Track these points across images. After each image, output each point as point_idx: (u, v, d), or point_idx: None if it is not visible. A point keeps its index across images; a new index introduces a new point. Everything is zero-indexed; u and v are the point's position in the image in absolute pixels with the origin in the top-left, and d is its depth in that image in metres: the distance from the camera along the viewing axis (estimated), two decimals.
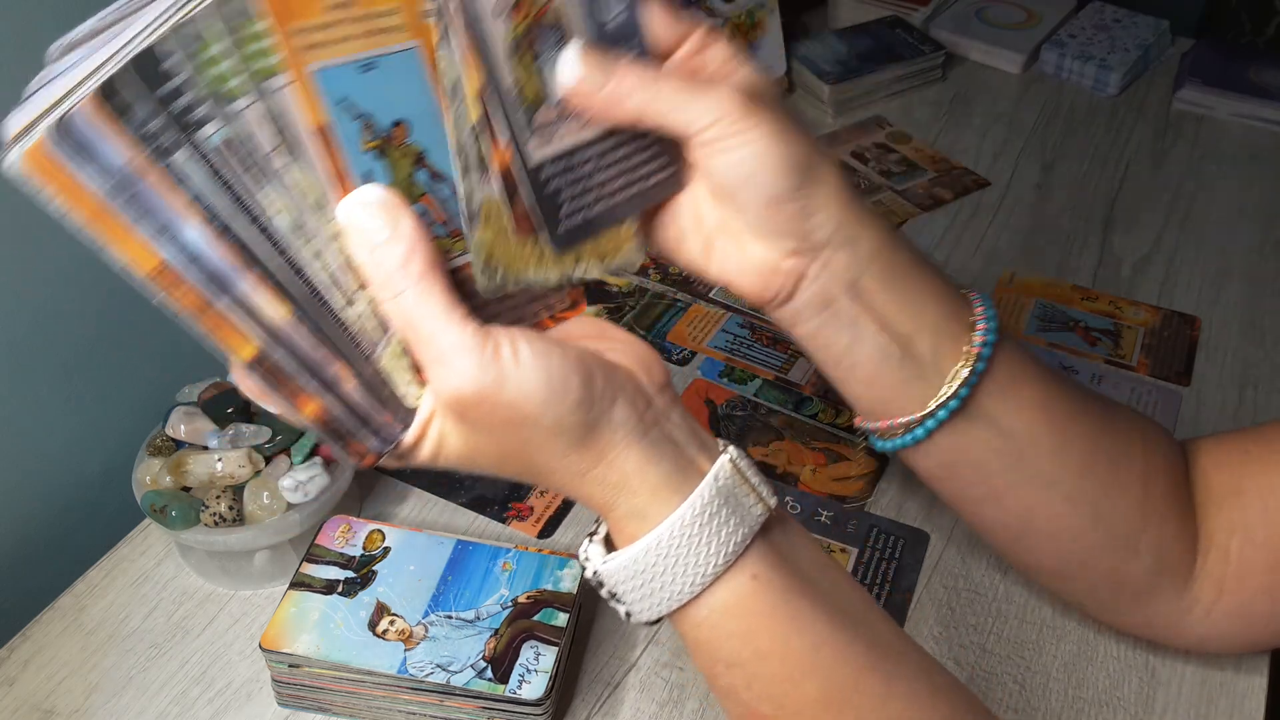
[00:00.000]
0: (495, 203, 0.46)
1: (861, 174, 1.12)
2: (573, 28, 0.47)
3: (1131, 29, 1.31)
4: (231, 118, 0.39)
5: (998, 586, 0.73)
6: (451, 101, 0.44)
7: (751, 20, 1.15)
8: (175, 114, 0.38)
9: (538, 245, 0.48)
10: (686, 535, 0.45)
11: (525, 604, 0.65)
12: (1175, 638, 0.65)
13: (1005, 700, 0.67)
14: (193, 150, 0.39)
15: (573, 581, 0.66)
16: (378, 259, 0.42)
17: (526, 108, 0.46)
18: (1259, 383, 0.89)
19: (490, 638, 0.63)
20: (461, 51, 0.44)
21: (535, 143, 0.46)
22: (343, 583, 0.66)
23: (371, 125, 0.43)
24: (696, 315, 0.94)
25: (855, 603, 0.49)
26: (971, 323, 0.56)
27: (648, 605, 0.46)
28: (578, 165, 0.48)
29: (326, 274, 0.43)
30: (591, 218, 0.49)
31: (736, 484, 0.46)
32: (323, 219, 0.42)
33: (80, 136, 0.37)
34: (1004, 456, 0.58)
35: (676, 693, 0.67)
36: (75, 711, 0.66)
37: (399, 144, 0.44)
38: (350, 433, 0.45)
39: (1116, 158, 1.15)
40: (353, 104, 0.42)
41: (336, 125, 0.42)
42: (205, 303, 0.40)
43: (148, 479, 0.69)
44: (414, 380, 0.45)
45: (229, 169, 0.40)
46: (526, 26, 0.45)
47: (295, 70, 0.40)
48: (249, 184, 0.40)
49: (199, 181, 0.39)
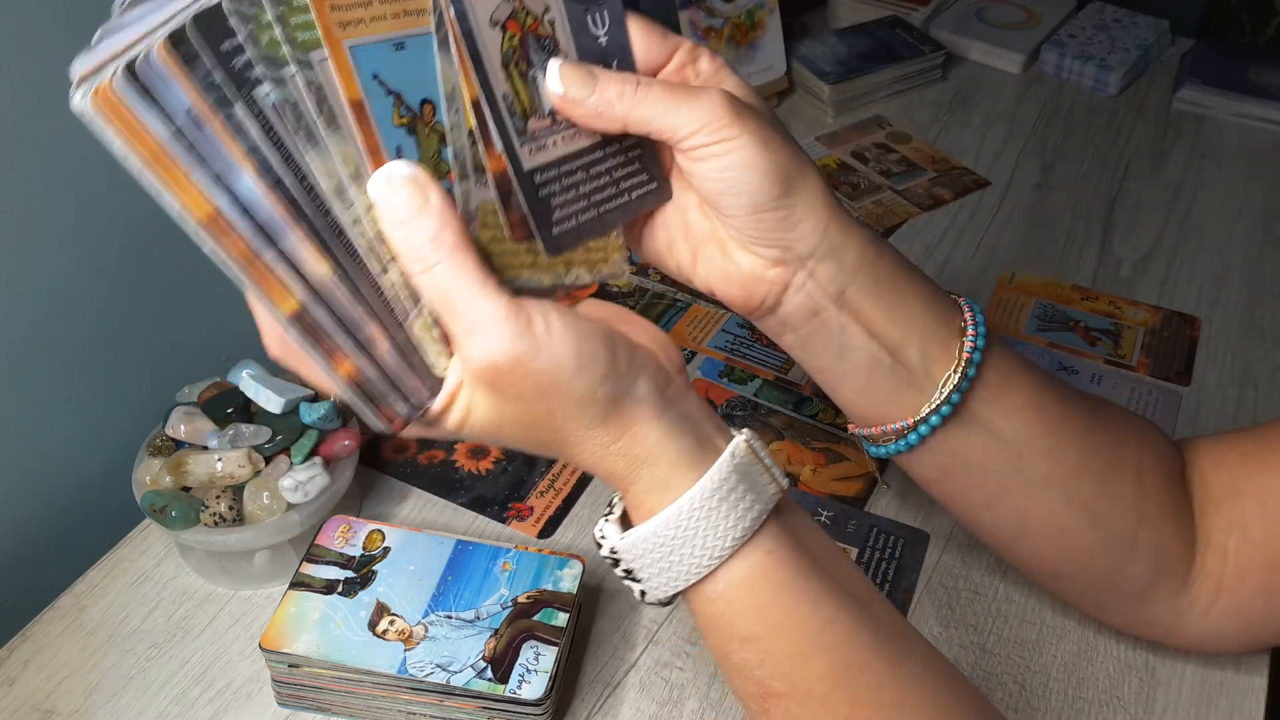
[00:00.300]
0: (491, 206, 0.47)
1: (861, 174, 1.12)
2: (563, 43, 0.48)
3: (1131, 29, 1.31)
4: (282, 82, 0.41)
5: (997, 587, 0.73)
6: (449, 107, 0.45)
7: (751, 20, 1.15)
8: (235, 70, 0.40)
9: (532, 249, 0.49)
10: (706, 508, 0.45)
11: (525, 604, 0.65)
12: (1174, 638, 0.65)
13: (1005, 700, 0.67)
14: (250, 105, 0.40)
15: (573, 581, 0.66)
16: (409, 232, 0.43)
17: (519, 116, 0.47)
18: (1259, 382, 0.89)
19: (490, 638, 0.63)
20: (458, 61, 0.45)
21: (529, 150, 0.48)
22: (343, 582, 0.66)
23: (402, 102, 0.44)
24: (696, 315, 0.94)
25: (862, 588, 0.50)
26: (960, 329, 0.56)
27: (665, 580, 0.47)
28: (569, 173, 0.49)
29: (364, 240, 0.44)
30: (583, 224, 0.50)
31: (751, 462, 0.47)
32: (360, 189, 0.43)
33: (148, 79, 0.38)
34: (999, 459, 0.58)
35: (676, 692, 0.67)
36: (75, 711, 0.66)
37: (428, 122, 0.45)
38: (381, 395, 0.45)
39: (1116, 158, 1.15)
40: (385, 81, 0.43)
41: (370, 100, 0.43)
42: (253, 254, 0.42)
43: (148, 479, 0.69)
44: (442, 351, 0.46)
45: (282, 127, 0.41)
46: (520, 39, 0.47)
47: (332, 45, 0.42)
48: (299, 144, 0.42)
49: (254, 134, 0.41)
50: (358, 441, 0.73)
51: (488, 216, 0.47)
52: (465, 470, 0.80)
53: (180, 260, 0.79)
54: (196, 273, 0.81)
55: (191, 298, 0.81)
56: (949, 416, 0.55)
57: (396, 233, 0.43)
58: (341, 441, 0.72)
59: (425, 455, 0.81)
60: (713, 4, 1.11)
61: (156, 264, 0.77)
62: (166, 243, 0.78)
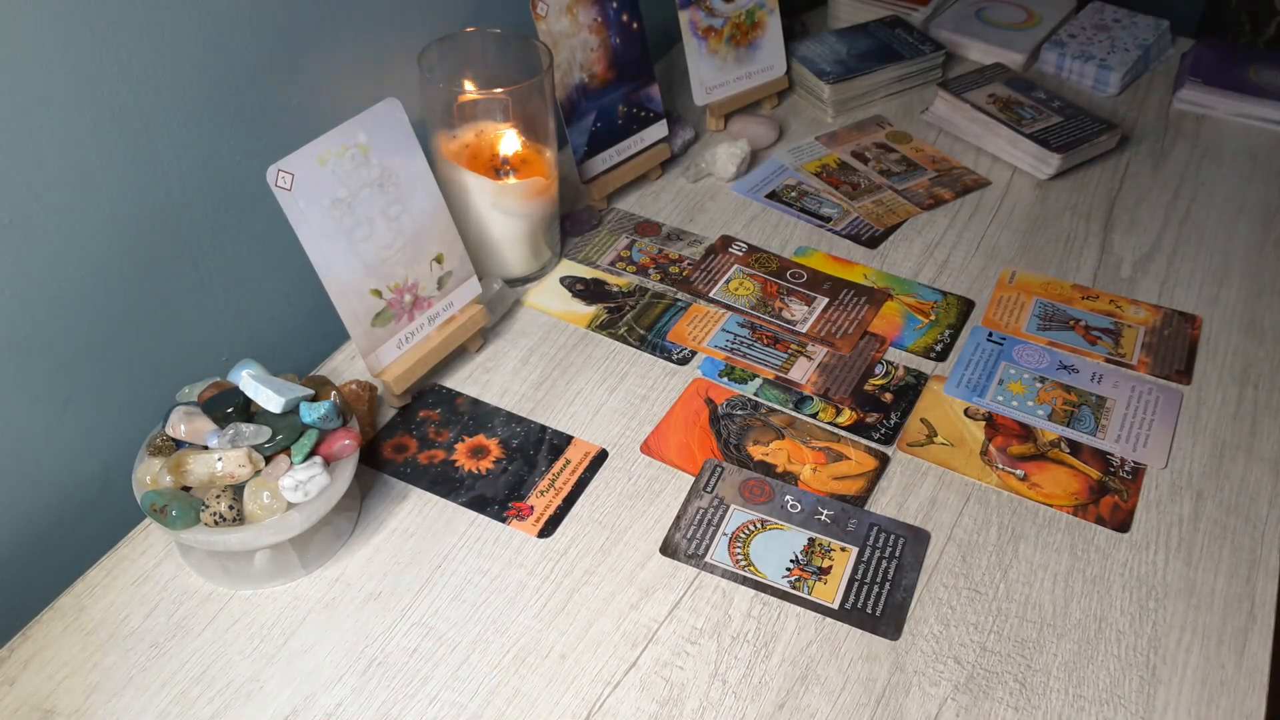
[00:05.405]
0: None
1: (861, 173, 1.12)
2: None
3: (1131, 29, 1.31)
4: None
5: (998, 586, 0.73)
6: None
7: (751, 20, 1.15)
8: None
9: None
10: None
11: None
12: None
13: (1006, 699, 0.67)
14: None
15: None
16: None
17: None
18: (1259, 381, 0.89)
19: None
20: None
21: None
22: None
23: None
24: (696, 315, 0.94)
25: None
26: None
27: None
28: None
29: None
30: None
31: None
32: None
33: None
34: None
35: (676, 692, 0.67)
36: (76, 711, 0.66)
37: None
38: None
39: (1117, 157, 1.15)
40: None
41: None
42: None
43: (148, 479, 0.69)
44: None
45: None
46: None
47: None
48: None
49: None
50: (358, 441, 0.73)
51: None
52: (465, 470, 0.80)
53: (181, 260, 0.79)
54: (197, 273, 0.81)
55: (192, 298, 0.81)
56: None
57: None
58: (341, 441, 0.72)
59: (425, 455, 0.81)
60: (713, 4, 1.11)
61: (157, 264, 0.77)
62: (167, 243, 0.78)
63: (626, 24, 1.02)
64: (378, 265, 0.80)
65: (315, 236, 0.76)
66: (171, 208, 0.76)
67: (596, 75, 1.01)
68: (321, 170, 0.76)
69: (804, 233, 1.04)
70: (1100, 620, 0.71)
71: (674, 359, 0.90)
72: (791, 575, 0.74)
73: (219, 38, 0.76)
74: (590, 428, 0.84)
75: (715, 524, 0.77)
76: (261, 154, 0.82)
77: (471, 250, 0.91)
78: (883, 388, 0.88)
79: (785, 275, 0.98)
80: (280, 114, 0.83)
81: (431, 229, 0.84)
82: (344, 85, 0.89)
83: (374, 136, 0.78)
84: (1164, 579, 0.74)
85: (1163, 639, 0.70)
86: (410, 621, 0.70)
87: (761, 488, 0.79)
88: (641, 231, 1.03)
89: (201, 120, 0.77)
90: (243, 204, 0.82)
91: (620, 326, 0.93)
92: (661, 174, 1.11)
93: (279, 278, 0.88)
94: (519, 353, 0.90)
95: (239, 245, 0.83)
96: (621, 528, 0.77)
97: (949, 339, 0.92)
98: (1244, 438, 0.84)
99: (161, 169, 0.75)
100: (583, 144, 1.02)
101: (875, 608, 0.72)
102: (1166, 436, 0.84)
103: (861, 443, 0.83)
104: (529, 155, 0.92)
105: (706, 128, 1.18)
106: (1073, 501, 0.79)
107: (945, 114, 1.18)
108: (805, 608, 0.72)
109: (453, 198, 0.89)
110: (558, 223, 0.99)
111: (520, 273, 0.96)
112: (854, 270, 1.00)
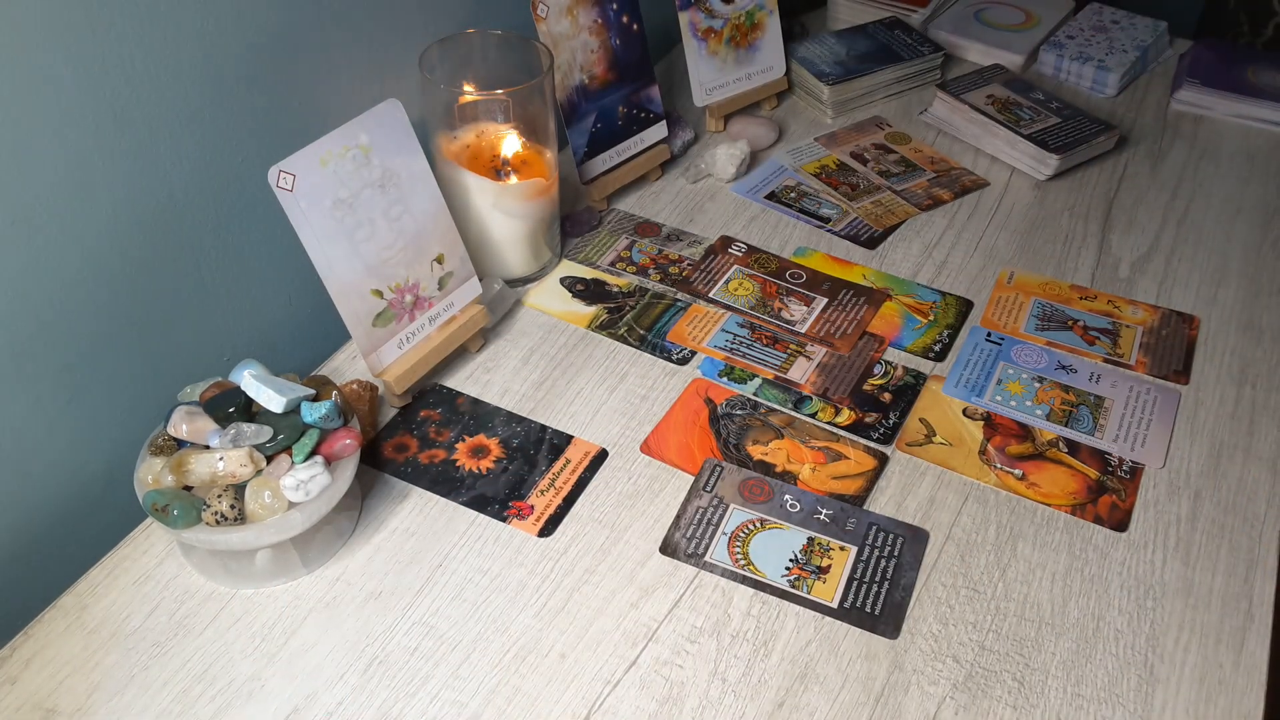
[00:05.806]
0: None
1: (860, 174, 1.12)
2: None
3: (1130, 30, 1.32)
4: None
5: (996, 584, 0.74)
6: None
7: (751, 20, 1.15)
8: None
9: None
10: None
11: None
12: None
13: (1005, 698, 0.67)
14: None
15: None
16: None
17: None
18: (1257, 381, 0.89)
19: None
20: None
21: None
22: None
23: None
24: (696, 315, 0.94)
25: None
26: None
27: None
28: None
29: None
30: None
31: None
32: None
33: None
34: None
35: (676, 690, 0.67)
36: (77, 710, 0.66)
37: None
38: None
39: (1115, 158, 1.15)
40: None
41: None
42: None
43: (149, 478, 0.70)
44: None
45: None
46: None
47: None
48: None
49: None
50: (359, 441, 0.73)
51: None
52: (466, 469, 0.81)
53: (183, 261, 0.79)
54: (199, 273, 0.81)
55: (194, 298, 0.81)
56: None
57: None
58: (342, 441, 0.72)
59: (426, 454, 0.82)
60: (712, 5, 1.12)
61: (159, 265, 0.77)
62: (170, 243, 0.78)
63: (626, 25, 1.02)
64: (379, 265, 0.81)
65: (316, 237, 0.76)
66: (174, 208, 0.77)
67: (597, 76, 1.01)
68: (323, 171, 0.76)
69: (803, 233, 1.04)
70: (1098, 619, 0.72)
71: (674, 359, 0.90)
72: (791, 574, 0.74)
73: (221, 39, 0.76)
74: (590, 427, 0.84)
75: (715, 523, 0.77)
76: (263, 155, 0.82)
77: (472, 251, 0.91)
78: (881, 387, 0.88)
79: (784, 276, 0.99)
80: (282, 115, 0.83)
81: (432, 229, 0.84)
82: (345, 86, 0.89)
83: (375, 137, 0.78)
84: (1162, 578, 0.74)
85: (1161, 638, 0.71)
86: (411, 620, 0.71)
87: (761, 487, 0.80)
88: (641, 232, 1.04)
89: (204, 121, 0.77)
90: (245, 205, 0.82)
91: (620, 327, 0.93)
92: (661, 175, 1.11)
93: (280, 278, 0.88)
94: (519, 353, 0.91)
95: (241, 246, 0.83)
96: (621, 527, 0.77)
97: (948, 339, 0.93)
98: (1242, 437, 0.84)
99: (164, 170, 0.75)
100: (583, 145, 1.02)
101: (874, 607, 0.72)
102: (1164, 436, 0.84)
103: (860, 442, 0.83)
104: (529, 156, 0.92)
105: (706, 129, 1.18)
106: (1071, 501, 0.79)
107: (944, 115, 1.19)
108: (804, 607, 0.72)
109: (453, 198, 0.89)
110: (558, 223, 0.99)
111: (521, 273, 0.96)
112: (853, 271, 1.00)
